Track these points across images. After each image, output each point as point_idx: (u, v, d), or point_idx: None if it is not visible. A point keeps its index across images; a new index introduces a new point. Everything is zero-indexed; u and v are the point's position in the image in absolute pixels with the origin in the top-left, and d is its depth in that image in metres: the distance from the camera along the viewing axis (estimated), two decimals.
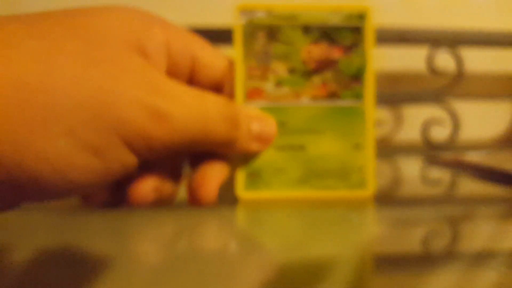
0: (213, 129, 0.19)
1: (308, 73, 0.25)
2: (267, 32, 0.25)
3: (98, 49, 0.17)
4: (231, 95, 0.24)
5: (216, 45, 0.23)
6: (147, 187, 0.20)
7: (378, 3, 0.29)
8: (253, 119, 0.22)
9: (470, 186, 0.37)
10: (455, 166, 0.45)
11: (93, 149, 0.16)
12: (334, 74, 0.25)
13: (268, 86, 0.25)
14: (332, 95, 0.25)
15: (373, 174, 0.25)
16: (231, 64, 0.24)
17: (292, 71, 0.25)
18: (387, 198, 0.24)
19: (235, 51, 0.25)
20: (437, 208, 0.29)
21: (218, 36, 0.43)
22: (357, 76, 0.25)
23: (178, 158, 0.22)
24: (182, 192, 0.22)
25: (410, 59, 0.63)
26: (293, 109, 0.25)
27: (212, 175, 0.21)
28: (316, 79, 0.25)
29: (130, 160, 0.17)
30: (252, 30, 0.25)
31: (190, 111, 0.18)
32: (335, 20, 0.25)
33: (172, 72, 0.21)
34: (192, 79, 0.22)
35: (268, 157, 0.25)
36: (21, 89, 0.15)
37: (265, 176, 0.25)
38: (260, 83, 0.25)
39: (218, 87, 0.23)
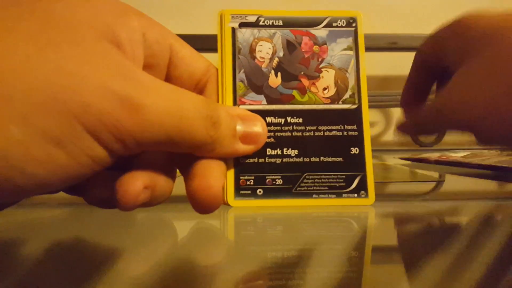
0: (190, 127, 0.17)
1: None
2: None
3: (58, 30, 0.15)
4: (213, 97, 0.22)
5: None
6: (137, 184, 0.17)
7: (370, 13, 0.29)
8: (238, 119, 0.20)
9: (454, 182, 0.39)
10: (441, 164, 0.47)
11: (53, 138, 0.14)
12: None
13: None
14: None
15: (372, 182, 0.24)
16: (212, 66, 0.22)
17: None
18: (378, 194, 0.24)
19: (225, 53, 0.24)
20: (425, 202, 0.31)
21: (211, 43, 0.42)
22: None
23: (170, 154, 0.20)
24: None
25: (399, 64, 0.64)
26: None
27: (215, 177, 0.19)
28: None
29: (98, 153, 0.15)
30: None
31: (165, 104, 0.16)
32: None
33: (150, 63, 0.19)
34: (171, 74, 0.20)
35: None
36: None
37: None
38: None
39: (198, 88, 0.22)
